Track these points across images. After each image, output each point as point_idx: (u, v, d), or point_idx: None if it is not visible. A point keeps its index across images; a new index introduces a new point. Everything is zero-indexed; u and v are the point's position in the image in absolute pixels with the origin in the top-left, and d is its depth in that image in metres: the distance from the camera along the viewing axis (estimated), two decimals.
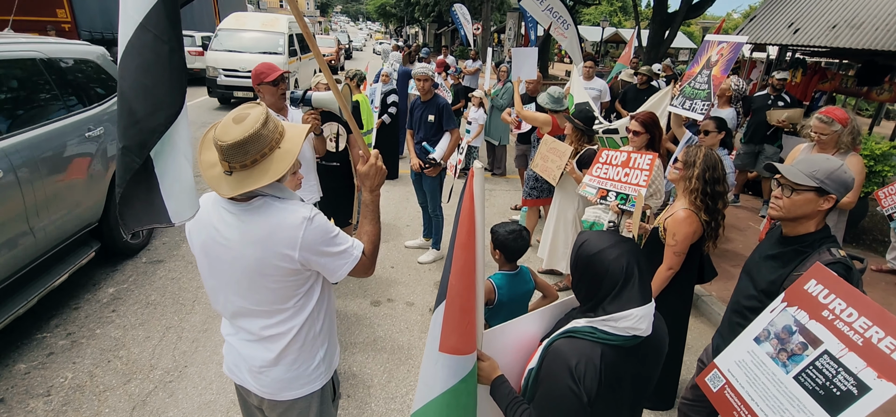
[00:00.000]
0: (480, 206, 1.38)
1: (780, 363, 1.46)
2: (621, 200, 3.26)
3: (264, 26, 12.51)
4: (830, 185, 1.71)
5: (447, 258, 1.46)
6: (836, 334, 1.35)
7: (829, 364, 1.34)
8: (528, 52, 6.30)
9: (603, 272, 1.28)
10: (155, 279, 4.08)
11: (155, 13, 1.21)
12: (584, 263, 1.33)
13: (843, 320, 1.35)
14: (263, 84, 3.05)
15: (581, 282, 1.37)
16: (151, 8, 1.21)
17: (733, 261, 4.92)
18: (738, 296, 2.07)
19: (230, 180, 1.39)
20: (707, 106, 3.64)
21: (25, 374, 2.98)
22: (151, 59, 1.21)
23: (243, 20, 12.91)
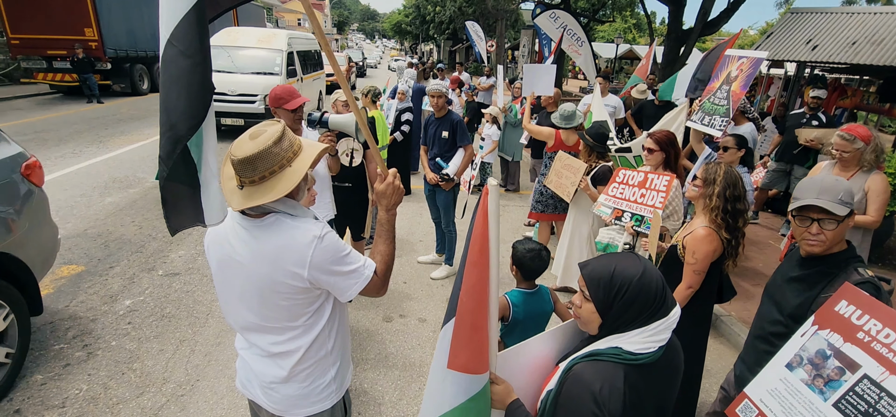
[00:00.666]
0: (495, 224, 1.36)
1: (816, 391, 1.38)
2: (636, 221, 3.21)
3: (260, 43, 11.02)
4: (852, 203, 1.67)
5: (458, 275, 1.43)
6: (874, 356, 1.28)
7: (871, 389, 1.27)
8: (545, 68, 6.32)
9: (652, 295, 1.22)
10: (171, 292, 4.12)
11: (180, 29, 1.29)
12: (632, 291, 1.22)
13: (880, 341, 1.28)
14: (281, 109, 3.07)
15: (627, 312, 1.24)
16: (176, 25, 1.28)
17: (753, 280, 4.81)
18: (762, 321, 2.00)
19: (241, 194, 1.41)
20: (725, 122, 3.58)
21: (42, 385, 3.01)
22: (176, 73, 1.31)
23: (236, 36, 11.26)
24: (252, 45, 10.89)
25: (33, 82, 14.10)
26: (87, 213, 5.57)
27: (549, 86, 6.12)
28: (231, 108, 9.73)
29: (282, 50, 10.89)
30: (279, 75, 10.44)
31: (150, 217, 5.57)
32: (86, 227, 5.20)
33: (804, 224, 1.77)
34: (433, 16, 35.29)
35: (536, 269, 2.31)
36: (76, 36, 13.15)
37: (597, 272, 1.28)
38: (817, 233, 1.73)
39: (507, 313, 2.31)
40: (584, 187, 3.83)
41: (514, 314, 2.31)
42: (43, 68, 13.57)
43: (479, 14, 28.40)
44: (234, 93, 9.73)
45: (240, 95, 9.81)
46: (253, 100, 9.88)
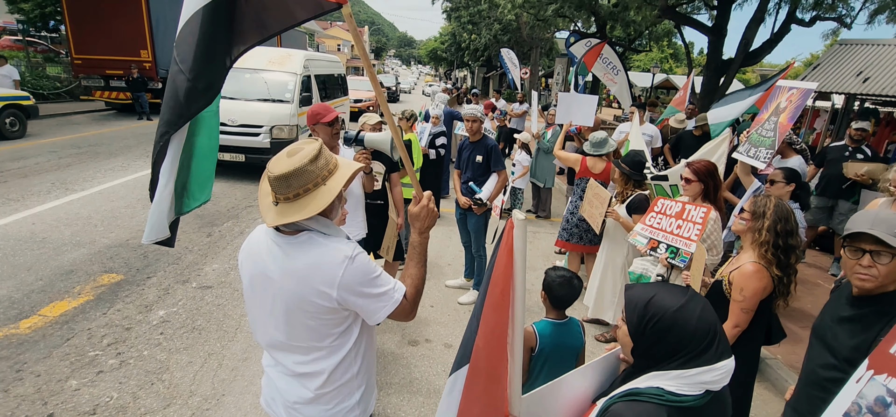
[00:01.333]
0: (521, 261, 1.24)
1: None
2: (671, 253, 3.06)
3: (272, 64, 9.29)
4: None
5: (473, 317, 1.35)
6: None
7: None
8: (585, 98, 6.27)
9: (689, 332, 1.13)
10: (202, 305, 4.18)
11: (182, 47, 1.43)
12: (664, 323, 1.15)
13: None
14: (318, 124, 3.13)
15: (657, 345, 1.18)
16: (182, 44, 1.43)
17: (801, 322, 4.50)
18: (813, 365, 1.84)
19: (275, 211, 1.41)
20: (770, 155, 3.41)
21: (75, 391, 3.08)
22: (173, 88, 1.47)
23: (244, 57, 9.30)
24: (262, 68, 9.17)
25: (91, 99, 15.01)
26: (130, 224, 5.78)
27: (589, 116, 6.05)
28: (231, 140, 8.11)
29: (296, 73, 9.17)
30: (291, 103, 8.70)
31: (188, 231, 5.73)
32: (127, 237, 5.39)
33: (855, 256, 1.64)
34: (468, 43, 35.82)
35: (565, 297, 2.21)
36: (133, 57, 14.02)
37: (636, 296, 1.24)
38: (869, 266, 1.60)
39: (533, 343, 2.21)
40: (614, 215, 3.73)
41: (541, 345, 2.20)
42: (100, 87, 14.47)
43: (513, 42, 28.65)
44: (235, 124, 8.17)
45: (241, 125, 8.21)
46: (257, 132, 8.25)
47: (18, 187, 6.79)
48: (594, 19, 17.84)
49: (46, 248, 4.95)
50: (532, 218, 7.60)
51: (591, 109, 6.08)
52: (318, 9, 1.40)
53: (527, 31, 25.75)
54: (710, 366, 1.10)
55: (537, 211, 7.66)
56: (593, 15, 17.53)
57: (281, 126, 8.42)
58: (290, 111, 8.61)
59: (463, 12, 31.76)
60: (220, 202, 6.93)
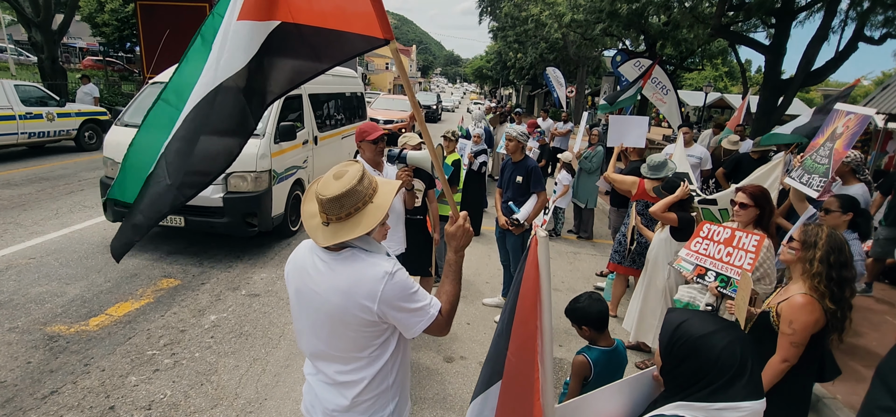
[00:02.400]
0: (546, 276, 1.30)
1: None
2: (722, 282, 2.95)
3: None
4: None
5: (500, 335, 1.38)
6: None
7: None
8: (636, 120, 6.21)
9: (711, 361, 1.13)
10: (250, 312, 4.40)
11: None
12: (687, 347, 1.18)
13: None
14: (364, 142, 3.28)
15: (679, 368, 1.21)
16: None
17: (864, 360, 4.18)
18: (872, 407, 1.73)
19: (326, 231, 1.50)
20: (824, 183, 3.23)
21: (134, 387, 3.31)
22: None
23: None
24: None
25: None
26: (188, 232, 6.16)
27: (641, 138, 5.96)
28: None
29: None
30: (261, 136, 5.61)
31: (241, 240, 6.05)
32: (186, 245, 5.76)
33: None
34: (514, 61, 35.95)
35: (603, 312, 2.26)
36: None
37: (672, 318, 1.26)
38: None
39: (588, 373, 2.24)
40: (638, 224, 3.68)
41: (595, 374, 2.23)
42: None
43: (560, 60, 28.49)
44: None
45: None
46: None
47: (94, 195, 7.41)
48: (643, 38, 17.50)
49: None
50: (573, 239, 7.48)
51: (643, 131, 5.99)
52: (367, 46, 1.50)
53: (573, 49, 25.56)
54: (734, 404, 1.08)
55: (578, 231, 7.53)
56: (643, 33, 17.20)
57: (242, 173, 5.38)
58: (257, 150, 5.46)
59: (509, 32, 31.96)
60: None
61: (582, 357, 2.25)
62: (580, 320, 2.28)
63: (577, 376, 2.26)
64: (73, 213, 6.58)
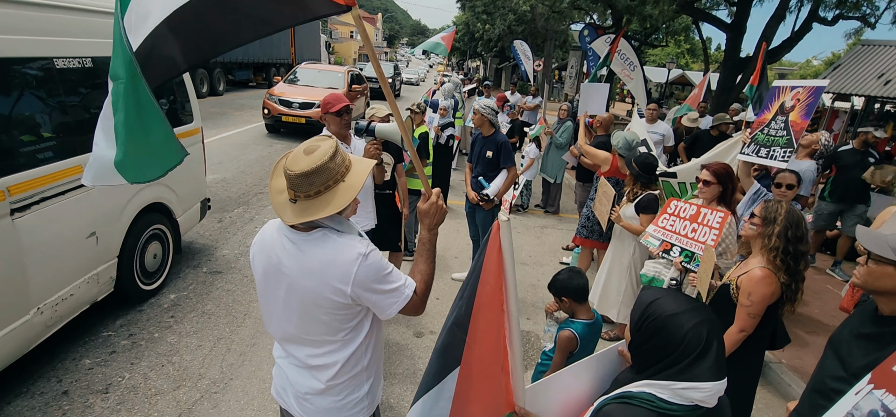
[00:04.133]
0: (510, 259, 1.30)
1: None
2: (686, 257, 3.05)
3: None
4: None
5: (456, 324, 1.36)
6: None
7: None
8: (599, 87, 6.26)
9: (677, 340, 1.15)
10: (213, 290, 4.25)
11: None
12: (655, 325, 1.20)
13: None
14: (328, 114, 3.14)
15: (646, 344, 1.23)
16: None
17: (807, 327, 4.46)
18: (824, 375, 1.83)
19: (294, 208, 1.42)
20: (789, 153, 3.35)
21: (89, 369, 3.16)
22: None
23: None
24: None
25: None
26: None
27: (602, 106, 6.02)
28: None
29: None
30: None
31: None
32: None
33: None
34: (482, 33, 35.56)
35: (583, 285, 2.32)
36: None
37: (645, 295, 1.28)
38: (861, 264, 1.63)
39: (574, 347, 2.29)
40: (616, 218, 3.71)
41: (580, 347, 2.29)
42: None
43: (527, 33, 28.37)
44: None
45: None
46: None
47: None
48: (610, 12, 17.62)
49: None
50: (541, 214, 7.59)
51: (603, 98, 6.06)
52: (328, 10, 1.39)
53: (541, 22, 25.50)
54: (698, 384, 1.11)
55: (546, 206, 7.64)
56: (610, 8, 17.30)
57: None
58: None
59: (477, 1, 31.48)
60: (231, 188, 7.01)
61: (569, 332, 2.29)
62: (561, 292, 2.32)
63: (563, 350, 2.31)
64: None
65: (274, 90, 11.16)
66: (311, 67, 13.38)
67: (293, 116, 10.56)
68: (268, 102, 10.75)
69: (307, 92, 11.22)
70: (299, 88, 11.64)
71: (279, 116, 10.61)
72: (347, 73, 13.05)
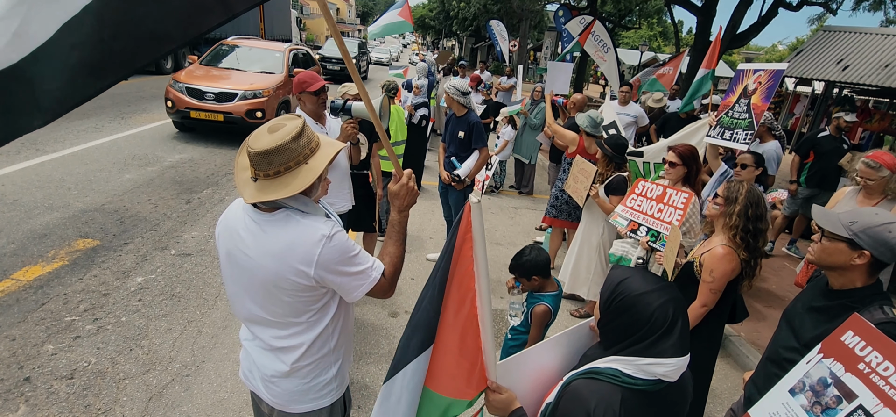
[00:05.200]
0: (481, 240, 1.32)
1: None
2: (652, 237, 3.15)
3: None
4: (865, 240, 1.58)
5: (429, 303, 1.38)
6: (871, 388, 1.30)
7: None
8: (563, 66, 6.30)
9: (644, 318, 1.19)
10: (182, 272, 4.16)
11: None
12: (624, 303, 1.23)
13: (879, 373, 1.29)
14: (305, 93, 3.06)
15: (614, 321, 1.27)
16: None
17: (766, 301, 4.69)
18: (777, 346, 1.94)
19: (254, 187, 1.40)
20: (750, 136, 3.48)
21: (52, 355, 3.06)
22: None
23: None
24: None
25: None
26: (105, 188, 5.66)
27: (565, 85, 6.08)
28: None
29: None
30: None
31: (166, 196, 5.64)
32: (103, 202, 5.29)
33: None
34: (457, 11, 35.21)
35: (546, 260, 2.39)
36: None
37: (615, 274, 1.31)
38: (816, 241, 1.73)
39: (549, 319, 2.39)
40: (595, 195, 3.78)
41: (553, 318, 2.40)
42: None
43: (503, 13, 28.23)
44: None
45: None
46: None
47: None
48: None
49: (17, 210, 4.83)
50: (514, 194, 7.66)
51: (567, 77, 6.11)
52: None
53: (517, 2, 25.39)
54: (662, 360, 1.16)
55: (520, 187, 7.71)
56: None
57: None
58: None
59: None
60: (199, 168, 6.81)
61: (544, 306, 2.37)
62: (530, 271, 2.37)
63: (540, 324, 2.38)
64: None
65: (180, 75, 8.21)
66: (241, 42, 10.00)
67: (206, 112, 7.78)
68: (171, 90, 7.86)
69: (228, 78, 8.43)
70: (218, 72, 8.71)
71: (187, 112, 7.76)
72: (289, 52, 9.78)
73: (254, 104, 7.97)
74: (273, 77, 8.79)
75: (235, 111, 7.86)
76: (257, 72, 8.90)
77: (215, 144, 8.07)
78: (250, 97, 8.01)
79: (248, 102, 7.93)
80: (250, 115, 7.87)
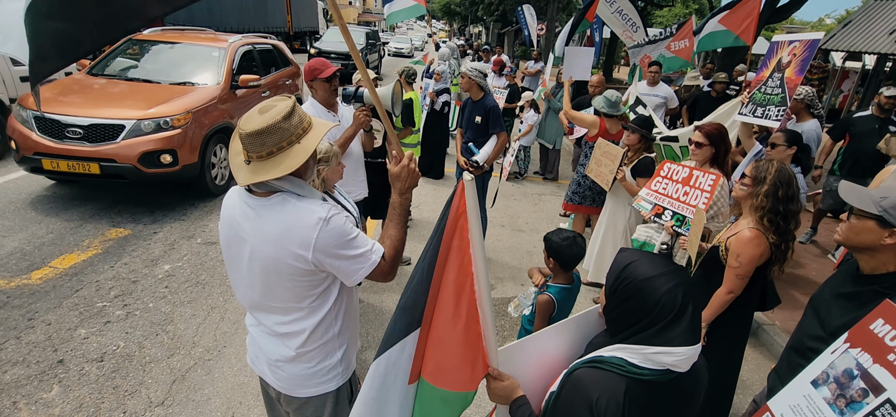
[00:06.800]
0: (476, 219, 1.27)
1: (837, 410, 1.29)
2: (678, 221, 3.00)
3: None
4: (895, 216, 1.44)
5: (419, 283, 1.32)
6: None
7: (890, 415, 1.17)
8: (583, 52, 6.10)
9: (651, 303, 1.11)
10: (207, 260, 4.27)
11: None
12: (630, 288, 1.16)
13: None
14: (317, 80, 3.05)
15: (620, 308, 1.20)
16: None
17: (804, 288, 4.44)
18: (802, 335, 1.81)
19: (247, 170, 1.39)
20: (782, 112, 3.26)
21: (84, 339, 3.20)
22: None
23: None
24: None
25: None
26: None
27: (586, 71, 5.87)
28: None
29: None
30: None
31: (193, 188, 5.79)
32: (136, 193, 5.48)
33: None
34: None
35: (576, 256, 2.27)
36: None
37: (621, 257, 1.24)
38: (844, 220, 1.60)
39: (552, 310, 2.29)
40: (621, 178, 3.63)
41: (558, 311, 2.28)
42: None
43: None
44: None
45: None
46: None
47: None
48: None
49: (57, 202, 5.06)
50: (539, 180, 7.52)
51: (588, 62, 5.90)
52: None
53: None
54: (670, 348, 1.08)
55: (544, 173, 7.56)
56: None
57: None
58: None
59: None
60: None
61: (547, 297, 2.28)
62: (553, 252, 2.28)
63: (543, 316, 2.30)
64: (6, 162, 6.13)
65: (26, 99, 4.96)
66: (161, 36, 6.40)
67: (69, 161, 4.63)
68: (14, 124, 4.82)
69: (119, 98, 5.16)
70: (108, 86, 5.42)
71: (37, 160, 4.65)
72: (235, 50, 6.26)
73: (156, 143, 4.73)
74: (198, 93, 5.40)
75: (122, 156, 4.63)
76: (176, 83, 5.58)
77: None
78: (149, 131, 4.74)
79: (144, 138, 4.72)
80: (150, 161, 4.74)
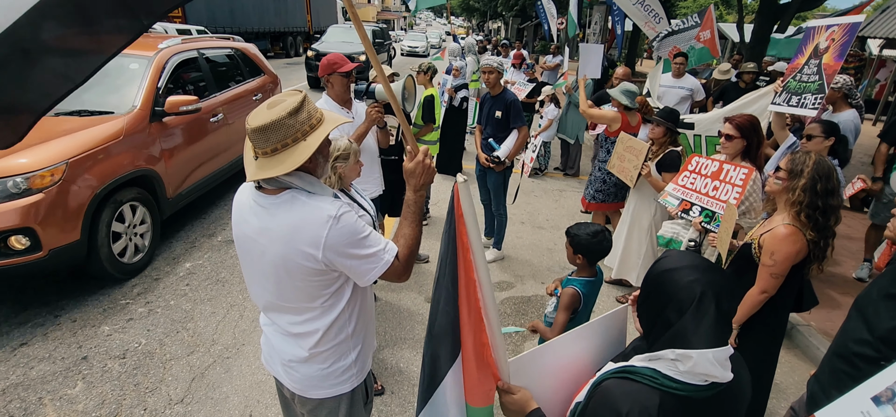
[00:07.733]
0: (472, 222, 1.22)
1: None
2: (706, 217, 2.86)
3: None
4: None
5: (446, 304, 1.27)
6: None
7: None
8: (595, 48, 5.99)
9: (669, 295, 1.04)
10: (227, 258, 4.30)
11: None
12: (653, 279, 1.11)
13: None
14: (335, 75, 2.99)
15: (644, 304, 1.15)
16: None
17: (842, 288, 4.21)
18: (846, 338, 1.69)
19: (255, 165, 1.36)
20: (820, 99, 3.07)
21: (107, 336, 3.24)
22: None
23: None
24: None
25: None
26: None
27: (597, 68, 5.72)
28: None
29: None
30: None
31: (216, 188, 5.85)
32: None
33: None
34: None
35: (603, 251, 2.22)
36: None
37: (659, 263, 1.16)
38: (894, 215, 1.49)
39: (578, 304, 2.23)
40: (646, 173, 3.49)
41: (583, 305, 2.23)
42: None
43: None
44: None
45: None
46: None
47: None
48: None
49: None
50: (560, 176, 7.39)
51: (598, 60, 5.76)
52: None
53: None
54: (683, 352, 0.99)
55: (565, 168, 7.42)
56: None
57: None
58: None
59: None
60: None
61: (573, 289, 2.21)
62: (579, 247, 2.22)
63: (568, 308, 2.22)
64: None
65: None
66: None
67: None
68: None
69: None
70: None
71: None
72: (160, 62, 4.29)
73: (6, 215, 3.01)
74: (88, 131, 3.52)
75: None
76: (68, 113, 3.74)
77: None
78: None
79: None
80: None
